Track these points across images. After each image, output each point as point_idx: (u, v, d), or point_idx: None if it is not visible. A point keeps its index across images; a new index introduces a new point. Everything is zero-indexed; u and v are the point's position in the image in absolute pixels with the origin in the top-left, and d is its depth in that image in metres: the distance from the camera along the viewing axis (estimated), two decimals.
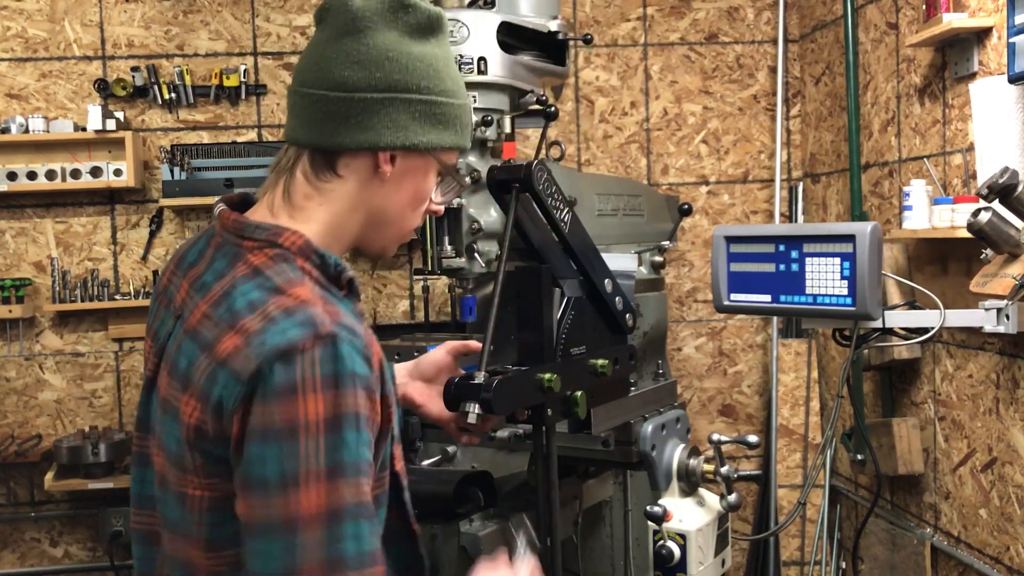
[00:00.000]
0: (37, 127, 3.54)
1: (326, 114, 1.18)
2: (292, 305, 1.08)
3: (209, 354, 1.08)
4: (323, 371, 1.04)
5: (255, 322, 1.07)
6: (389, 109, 1.18)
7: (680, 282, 3.89)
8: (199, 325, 1.13)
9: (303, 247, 1.16)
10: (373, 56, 1.18)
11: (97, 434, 3.51)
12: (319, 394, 1.03)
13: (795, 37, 3.86)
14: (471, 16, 2.17)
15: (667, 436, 1.93)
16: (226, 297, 1.11)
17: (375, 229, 1.25)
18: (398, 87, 1.18)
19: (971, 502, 2.69)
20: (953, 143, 2.72)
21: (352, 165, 1.20)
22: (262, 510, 1.02)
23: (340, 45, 1.18)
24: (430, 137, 1.21)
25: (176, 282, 1.24)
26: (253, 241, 1.17)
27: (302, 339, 1.04)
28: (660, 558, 1.82)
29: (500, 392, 1.43)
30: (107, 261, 3.74)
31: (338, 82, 1.18)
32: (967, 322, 2.12)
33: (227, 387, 1.05)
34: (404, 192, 1.24)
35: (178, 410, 1.11)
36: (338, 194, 1.21)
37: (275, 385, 1.02)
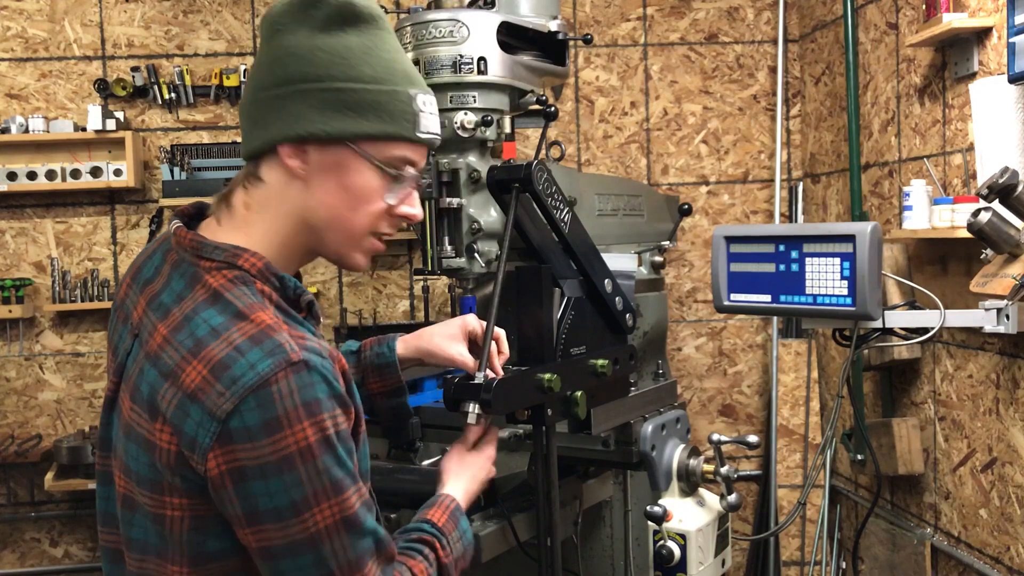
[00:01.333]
0: (37, 127, 3.54)
1: (248, 120, 1.20)
2: (255, 332, 1.07)
3: (174, 383, 1.07)
4: (303, 399, 1.06)
5: (219, 351, 1.06)
6: (286, 102, 1.15)
7: (680, 282, 3.89)
8: (159, 350, 1.11)
9: (262, 270, 1.15)
10: (278, 55, 1.16)
11: (97, 434, 3.51)
12: (304, 422, 1.05)
13: (795, 37, 3.86)
14: (471, 16, 2.17)
15: (667, 436, 1.93)
16: (187, 322, 1.10)
17: (317, 235, 1.20)
18: (296, 79, 1.15)
19: (971, 502, 2.69)
20: (953, 143, 2.72)
21: (271, 168, 1.18)
22: (281, 536, 1.07)
23: (262, 52, 1.20)
24: (337, 125, 1.15)
25: (132, 297, 1.22)
26: (211, 261, 1.15)
27: (274, 370, 1.05)
28: (660, 558, 1.82)
29: (500, 392, 1.43)
30: (107, 261, 3.74)
31: (253, 86, 1.19)
32: (967, 322, 2.12)
33: (202, 425, 1.05)
34: (328, 190, 1.17)
35: (147, 438, 1.10)
36: (266, 199, 1.19)
37: (258, 423, 1.04)
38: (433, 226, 2.16)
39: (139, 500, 1.14)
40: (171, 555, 1.12)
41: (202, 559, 1.12)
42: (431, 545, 1.28)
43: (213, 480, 1.06)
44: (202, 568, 1.12)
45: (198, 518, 1.10)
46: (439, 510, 1.36)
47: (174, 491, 1.10)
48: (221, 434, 1.04)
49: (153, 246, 1.26)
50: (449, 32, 2.15)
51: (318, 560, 1.08)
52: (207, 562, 1.12)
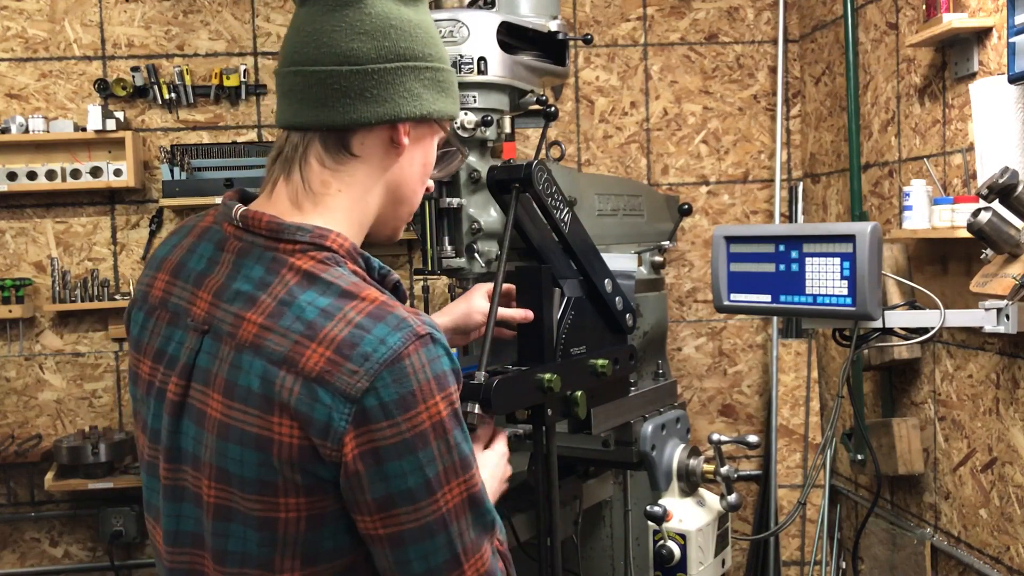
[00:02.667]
0: (37, 127, 3.54)
1: (338, 91, 1.11)
2: (373, 308, 1.04)
3: (291, 369, 1.02)
4: (433, 373, 1.04)
5: (339, 330, 1.02)
6: (403, 79, 1.14)
7: (680, 282, 3.89)
8: (260, 340, 1.04)
9: (350, 250, 1.12)
10: (378, 25, 1.12)
11: (97, 434, 3.51)
12: (436, 396, 1.03)
13: (795, 37, 3.86)
14: (471, 16, 2.17)
15: (667, 436, 1.93)
16: (286, 307, 1.05)
17: (392, 208, 1.21)
18: (407, 55, 1.14)
19: (971, 502, 2.69)
20: (953, 143, 2.72)
21: (367, 142, 1.15)
22: (414, 519, 1.04)
23: (339, 17, 1.12)
24: (439, 105, 1.18)
25: (181, 293, 1.16)
26: (293, 244, 1.09)
27: (404, 344, 1.02)
28: (660, 558, 1.82)
29: (500, 392, 1.43)
30: (107, 261, 3.74)
31: (346, 55, 1.11)
32: (967, 322, 2.12)
33: (335, 408, 1.00)
34: (416, 165, 1.20)
35: (258, 434, 1.03)
36: (356, 175, 1.15)
37: (395, 399, 1.01)
38: (433, 226, 2.16)
39: (240, 507, 1.07)
40: (279, 561, 1.06)
41: (314, 560, 1.07)
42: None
43: (347, 466, 1.01)
44: (314, 569, 1.07)
45: (314, 518, 1.05)
46: None
47: (290, 490, 1.04)
48: (357, 415, 1.00)
49: (189, 239, 1.20)
50: (449, 32, 2.15)
51: (447, 542, 1.05)
52: (319, 563, 1.07)
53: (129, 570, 3.77)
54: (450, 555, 1.06)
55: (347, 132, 1.13)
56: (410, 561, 1.05)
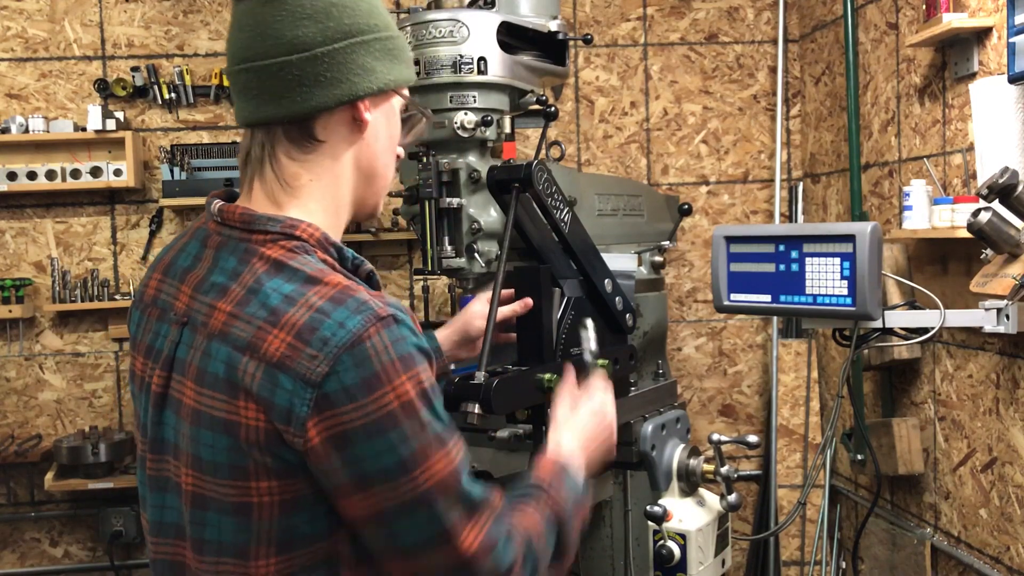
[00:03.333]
0: (37, 127, 3.54)
1: (292, 80, 1.11)
2: (335, 293, 1.04)
3: (254, 355, 1.03)
4: (398, 353, 1.03)
5: (300, 315, 1.02)
6: (355, 55, 1.13)
7: (680, 282, 3.89)
8: (227, 327, 1.06)
9: (321, 240, 1.13)
10: (319, 6, 1.12)
11: (97, 434, 3.51)
12: (402, 376, 1.03)
13: (795, 37, 3.86)
14: (471, 16, 2.17)
15: (667, 436, 1.93)
16: (253, 295, 1.06)
17: (366, 185, 1.21)
18: (353, 31, 1.13)
19: (971, 502, 2.69)
20: (953, 143, 2.72)
21: (330, 126, 1.15)
22: (391, 496, 1.03)
23: (278, 5, 1.11)
24: (394, 74, 1.17)
25: (168, 290, 1.18)
26: (265, 234, 1.11)
27: (364, 327, 1.02)
28: (660, 558, 1.82)
29: (500, 392, 1.43)
30: (107, 261, 3.74)
31: (294, 43, 1.10)
32: (967, 322, 2.12)
33: (295, 393, 1.00)
34: (383, 138, 1.20)
35: (226, 419, 1.04)
36: (325, 161, 1.16)
37: (357, 381, 1.01)
38: (433, 226, 2.16)
39: (214, 494, 1.07)
40: (254, 549, 1.06)
41: (289, 547, 1.07)
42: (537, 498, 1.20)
43: (314, 450, 1.01)
44: (290, 556, 1.07)
45: (288, 502, 1.05)
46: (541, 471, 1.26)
47: (262, 473, 1.04)
48: (318, 400, 1.00)
49: (183, 239, 1.22)
50: (449, 32, 2.15)
51: (430, 518, 1.04)
52: (295, 548, 1.07)
53: (129, 570, 3.77)
54: (438, 529, 1.05)
55: (309, 120, 1.13)
56: (398, 534, 1.05)
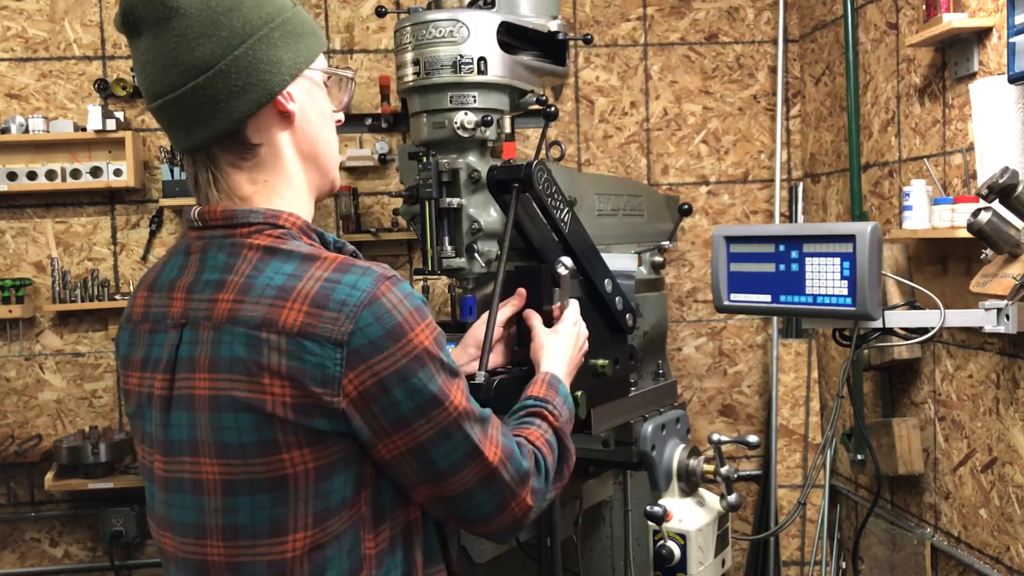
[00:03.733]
0: (37, 127, 3.54)
1: (210, 100, 1.12)
2: (336, 264, 1.11)
3: (272, 329, 1.06)
4: (412, 305, 1.11)
5: (311, 286, 1.08)
6: (258, 54, 1.13)
7: (680, 282, 3.89)
8: (234, 312, 1.09)
9: (303, 227, 1.18)
10: (205, 20, 1.11)
11: (97, 434, 3.51)
12: (420, 325, 1.11)
13: (795, 37, 3.86)
14: (471, 16, 2.17)
15: (667, 436, 1.93)
16: (254, 280, 1.10)
17: (316, 167, 1.24)
18: (248, 31, 1.13)
19: (971, 502, 2.69)
20: (953, 143, 2.72)
21: (261, 126, 1.16)
22: (429, 428, 1.12)
23: (168, 33, 1.11)
24: (301, 54, 1.18)
25: (158, 302, 1.20)
26: (249, 226, 1.15)
27: (376, 285, 1.09)
28: (660, 558, 1.82)
29: (500, 392, 1.43)
30: (107, 261, 3.74)
31: (196, 65, 1.11)
32: (967, 322, 2.12)
33: (324, 355, 1.06)
34: (314, 116, 1.22)
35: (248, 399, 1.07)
36: (268, 160, 1.18)
37: (381, 334, 1.07)
38: (433, 226, 2.16)
39: (245, 476, 1.10)
40: (292, 522, 1.10)
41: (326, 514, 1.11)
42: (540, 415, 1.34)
43: (353, 404, 1.08)
44: (324, 526, 1.11)
45: (323, 468, 1.10)
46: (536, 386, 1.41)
47: (292, 444, 1.08)
48: (349, 357, 1.06)
49: (165, 258, 1.25)
50: (449, 32, 2.15)
51: (464, 438, 1.15)
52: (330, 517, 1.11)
53: (129, 570, 3.77)
54: (469, 447, 1.15)
55: (239, 130, 1.15)
56: (435, 462, 1.14)
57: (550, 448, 1.30)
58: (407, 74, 2.25)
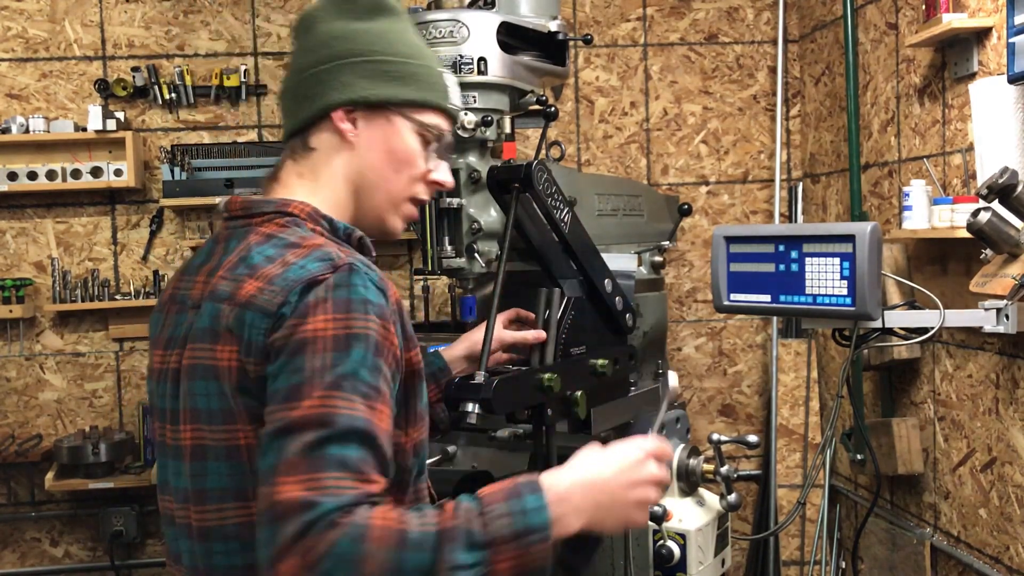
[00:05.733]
0: (37, 127, 3.54)
1: (290, 99, 1.31)
2: (308, 251, 1.15)
3: (231, 302, 1.14)
4: (336, 295, 1.10)
5: (274, 268, 1.14)
6: (335, 73, 1.27)
7: (680, 282, 3.89)
8: (216, 287, 1.18)
9: (311, 213, 1.24)
10: (321, 40, 1.29)
11: (97, 434, 3.52)
12: (329, 314, 1.08)
13: (795, 37, 3.86)
14: (471, 16, 2.17)
15: (667, 436, 1.93)
16: (244, 259, 1.18)
17: (363, 199, 1.30)
18: (342, 56, 1.27)
19: (971, 502, 2.69)
20: (953, 143, 2.72)
21: (321, 136, 1.29)
22: (271, 420, 1.06)
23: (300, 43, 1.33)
24: (384, 91, 1.27)
25: (185, 285, 1.28)
26: (262, 215, 1.24)
27: (321, 270, 1.12)
28: (660, 558, 1.82)
29: (500, 392, 1.43)
30: (107, 261, 3.74)
31: (294, 70, 1.32)
32: (967, 322, 2.13)
33: (254, 324, 1.11)
34: (377, 152, 1.28)
35: (213, 365, 1.14)
36: (316, 166, 1.29)
37: (294, 309, 1.09)
38: (433, 226, 2.16)
39: (211, 441, 1.15)
40: (250, 492, 1.11)
41: None
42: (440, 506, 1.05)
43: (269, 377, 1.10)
44: None
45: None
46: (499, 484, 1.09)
47: (241, 417, 1.12)
48: (272, 327, 1.10)
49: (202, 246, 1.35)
50: (449, 32, 2.15)
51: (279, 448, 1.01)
52: None
53: (129, 570, 3.77)
54: (273, 463, 1.01)
55: (304, 132, 1.30)
56: (260, 459, 1.04)
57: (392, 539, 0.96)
58: None
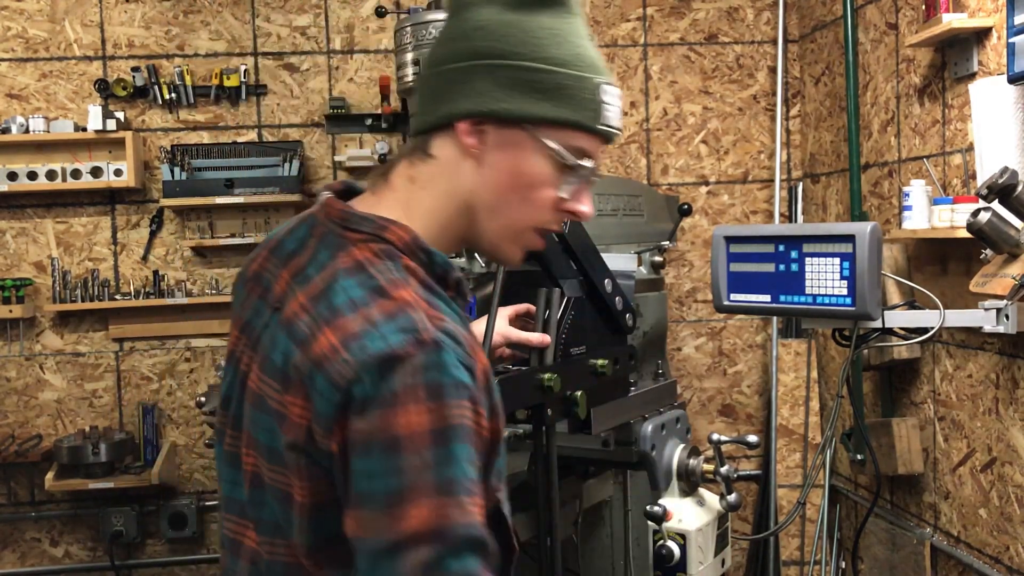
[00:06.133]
0: (37, 127, 3.54)
1: (422, 94, 1.15)
2: (393, 308, 1.01)
3: (305, 351, 1.02)
4: (427, 380, 0.96)
5: (354, 323, 1.00)
6: (470, 76, 1.09)
7: (680, 282, 3.89)
8: (295, 318, 1.05)
9: (409, 243, 1.09)
10: (466, 29, 1.11)
11: (97, 434, 3.52)
12: (422, 404, 0.96)
13: (795, 37, 3.86)
14: None
15: (667, 436, 1.93)
16: (327, 291, 1.04)
17: (478, 220, 1.14)
18: (481, 54, 1.09)
19: (971, 502, 2.69)
20: (953, 143, 2.72)
21: (444, 144, 1.12)
22: (370, 527, 0.95)
23: (445, 26, 1.15)
24: (520, 105, 1.09)
25: (272, 270, 1.16)
26: (358, 233, 1.09)
27: (403, 345, 0.97)
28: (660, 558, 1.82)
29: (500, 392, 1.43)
30: (107, 261, 3.74)
31: (433, 60, 1.13)
32: (967, 322, 2.12)
33: (324, 394, 0.98)
34: (500, 172, 1.11)
35: (279, 411, 1.04)
36: (433, 176, 1.12)
37: (374, 395, 0.96)
38: None
39: (268, 478, 1.06)
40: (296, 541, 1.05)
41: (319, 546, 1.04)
42: None
43: (335, 456, 0.98)
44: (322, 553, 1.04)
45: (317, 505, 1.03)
46: None
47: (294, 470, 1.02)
48: (341, 404, 0.97)
49: (295, 221, 1.20)
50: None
51: (392, 570, 0.93)
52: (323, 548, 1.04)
53: (129, 570, 3.77)
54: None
55: (427, 134, 1.13)
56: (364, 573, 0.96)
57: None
58: (407, 74, 2.25)
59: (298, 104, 3.78)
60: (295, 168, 3.64)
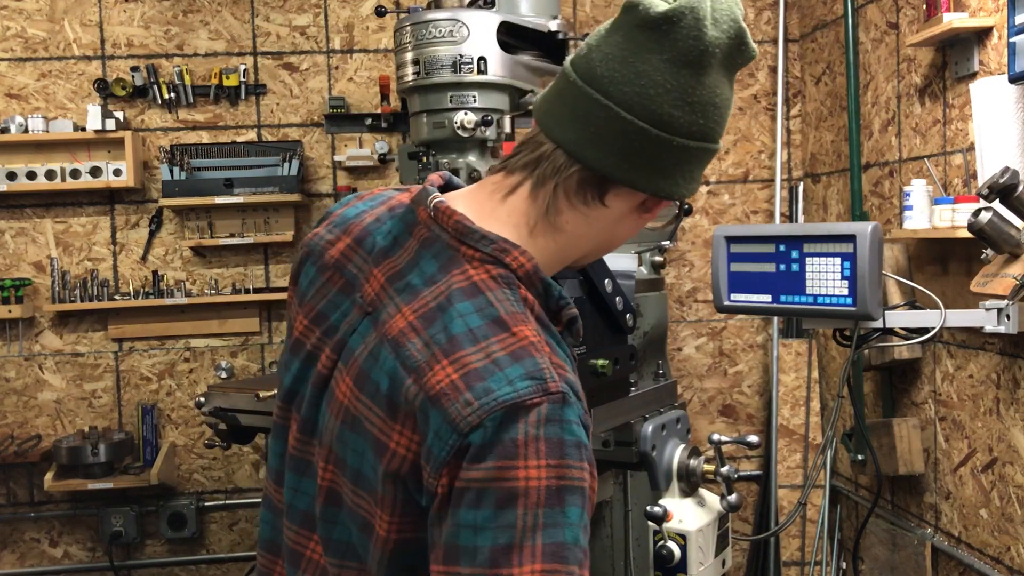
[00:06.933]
0: (37, 127, 3.54)
1: (634, 148, 1.02)
2: (518, 348, 0.95)
3: (418, 381, 0.95)
4: (548, 433, 0.91)
5: (476, 359, 0.94)
6: (694, 159, 1.05)
7: (680, 282, 3.89)
8: (403, 338, 0.98)
9: (530, 273, 1.03)
10: (704, 99, 1.02)
11: (97, 434, 3.51)
12: (543, 459, 0.90)
13: (795, 37, 3.85)
14: (471, 16, 2.17)
15: (667, 436, 1.92)
16: (440, 312, 0.98)
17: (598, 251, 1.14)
18: (708, 137, 1.05)
19: (971, 502, 2.68)
20: (953, 143, 2.72)
21: (621, 197, 1.06)
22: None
23: (678, 76, 1.01)
24: (694, 185, 1.09)
25: (360, 265, 1.09)
26: (475, 251, 1.02)
27: (532, 394, 0.92)
28: (660, 558, 1.81)
29: None
30: (107, 261, 3.74)
31: (664, 120, 1.01)
32: (967, 322, 2.12)
33: (440, 434, 0.92)
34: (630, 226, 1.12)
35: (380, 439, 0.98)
36: (592, 221, 1.07)
37: (495, 444, 0.90)
38: None
39: (349, 500, 1.02)
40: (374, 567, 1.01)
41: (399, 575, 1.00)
42: None
43: (439, 499, 0.92)
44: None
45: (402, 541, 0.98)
46: None
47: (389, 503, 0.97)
48: (459, 449, 0.91)
49: (381, 208, 1.13)
50: (449, 32, 2.15)
51: None
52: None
53: (128, 570, 3.76)
54: None
55: (611, 183, 1.05)
56: None
57: None
58: (407, 74, 2.25)
59: (297, 104, 3.77)
60: (294, 168, 3.63)
